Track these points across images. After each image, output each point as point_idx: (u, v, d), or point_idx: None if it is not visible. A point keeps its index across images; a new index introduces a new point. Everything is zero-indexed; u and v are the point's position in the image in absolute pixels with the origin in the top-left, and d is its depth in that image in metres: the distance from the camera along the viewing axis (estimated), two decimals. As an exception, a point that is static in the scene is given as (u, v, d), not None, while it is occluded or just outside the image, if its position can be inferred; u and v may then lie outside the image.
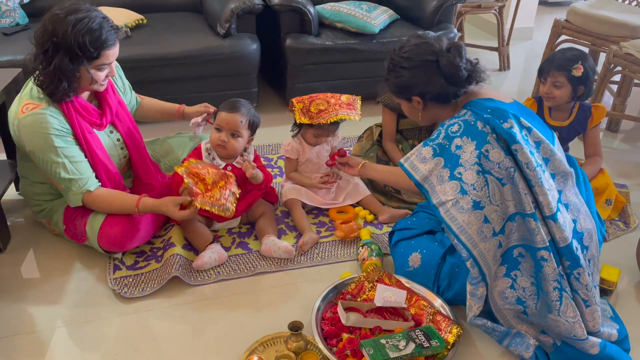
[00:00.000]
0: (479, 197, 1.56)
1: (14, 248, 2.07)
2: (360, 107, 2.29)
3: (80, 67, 1.77)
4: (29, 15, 2.97)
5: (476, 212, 1.56)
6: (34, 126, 1.78)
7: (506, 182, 1.56)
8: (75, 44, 1.71)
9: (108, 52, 1.80)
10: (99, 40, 1.75)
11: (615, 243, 2.21)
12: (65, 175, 1.83)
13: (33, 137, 1.79)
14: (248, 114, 2.07)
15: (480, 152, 1.55)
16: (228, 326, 1.76)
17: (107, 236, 1.90)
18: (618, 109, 3.10)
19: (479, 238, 1.58)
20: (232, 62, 2.91)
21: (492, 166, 1.55)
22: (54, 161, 1.81)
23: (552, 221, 1.58)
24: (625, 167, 2.83)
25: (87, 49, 1.73)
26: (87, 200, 1.90)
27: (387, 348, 1.54)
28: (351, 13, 3.09)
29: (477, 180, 1.55)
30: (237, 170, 2.12)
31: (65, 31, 1.71)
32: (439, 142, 1.63)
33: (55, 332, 1.72)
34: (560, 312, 1.59)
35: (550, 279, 1.58)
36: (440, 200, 1.60)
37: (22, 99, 1.83)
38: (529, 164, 1.55)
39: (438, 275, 1.83)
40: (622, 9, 3.37)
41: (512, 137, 1.55)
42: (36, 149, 1.81)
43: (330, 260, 2.06)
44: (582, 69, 2.14)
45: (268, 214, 2.18)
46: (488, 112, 1.59)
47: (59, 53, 1.73)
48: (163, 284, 1.87)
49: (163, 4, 3.33)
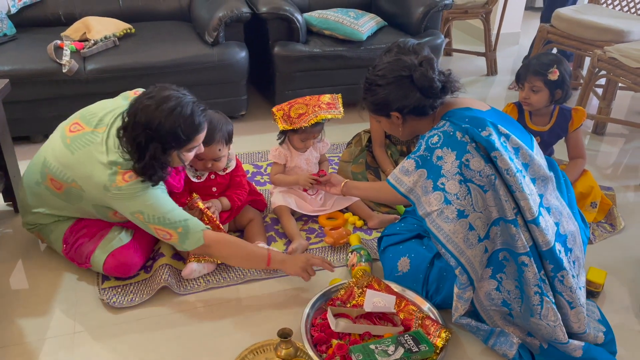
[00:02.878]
0: (462, 206, 1.58)
1: (2, 259, 2.06)
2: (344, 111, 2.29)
3: (172, 153, 1.74)
4: (16, 25, 2.96)
5: (461, 221, 1.58)
6: (141, 192, 1.74)
7: (488, 188, 1.58)
8: (170, 135, 1.68)
9: (199, 135, 1.77)
10: (192, 127, 1.71)
11: (601, 245, 2.23)
12: (180, 218, 1.78)
13: (140, 201, 1.74)
14: (222, 136, 2.03)
15: (461, 161, 1.57)
16: (218, 334, 1.77)
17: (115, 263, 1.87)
18: (603, 112, 3.14)
19: (465, 245, 1.60)
20: (221, 70, 2.92)
21: (473, 175, 1.57)
22: (168, 210, 1.77)
23: (534, 225, 1.59)
24: (611, 169, 2.87)
25: (181, 137, 1.70)
26: (211, 240, 1.81)
27: (377, 353, 1.55)
28: (339, 20, 3.11)
29: (460, 190, 1.58)
30: (221, 177, 2.14)
31: (159, 122, 1.66)
32: (420, 154, 1.66)
33: (44, 343, 1.71)
34: (541, 315, 1.61)
35: (531, 284, 1.60)
36: (426, 211, 1.63)
37: (116, 168, 1.73)
38: (508, 170, 1.57)
39: (427, 280, 1.84)
40: (607, 14, 3.42)
41: (490, 145, 1.57)
42: (145, 209, 1.75)
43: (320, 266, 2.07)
44: (557, 73, 2.17)
45: (256, 220, 2.19)
46: (466, 122, 1.61)
47: (153, 143, 1.68)
48: (152, 294, 1.87)
49: (151, 13, 3.33)
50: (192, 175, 2.10)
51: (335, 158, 2.75)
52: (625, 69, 2.80)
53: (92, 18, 2.95)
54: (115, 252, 1.88)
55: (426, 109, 1.68)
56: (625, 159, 2.98)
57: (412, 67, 1.65)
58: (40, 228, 1.99)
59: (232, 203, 2.13)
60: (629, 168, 2.88)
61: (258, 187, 2.43)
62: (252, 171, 2.69)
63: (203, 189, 2.10)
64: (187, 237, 1.79)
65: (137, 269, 1.96)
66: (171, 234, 1.78)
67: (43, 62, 2.66)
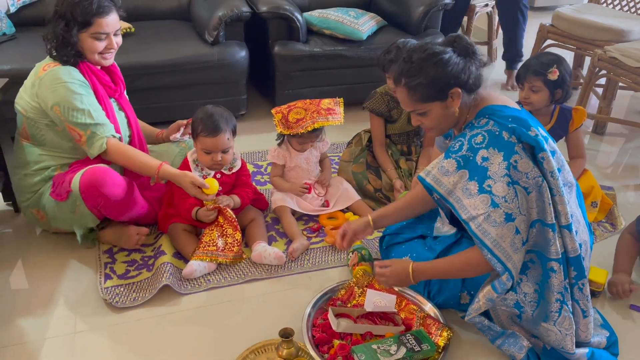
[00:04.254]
0: (510, 209, 1.51)
1: (2, 258, 2.06)
2: (344, 110, 2.30)
3: (75, 33, 1.89)
4: (15, 24, 2.96)
5: (508, 225, 1.51)
6: (58, 78, 1.89)
7: (532, 190, 1.52)
8: (68, 11, 1.87)
9: (100, 20, 1.89)
10: (89, 7, 1.87)
11: (602, 245, 2.23)
12: (89, 121, 1.91)
13: (57, 88, 1.89)
14: (229, 125, 2.06)
15: (509, 162, 1.50)
16: (219, 334, 1.76)
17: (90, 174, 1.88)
18: (604, 111, 3.14)
19: (512, 250, 1.52)
20: (221, 69, 2.92)
21: (521, 176, 1.51)
22: (79, 108, 1.90)
23: (568, 231, 1.56)
24: (612, 169, 2.87)
25: (78, 15, 1.86)
26: (112, 147, 1.94)
27: (379, 353, 1.55)
28: (339, 20, 3.11)
29: (508, 192, 1.50)
30: (226, 177, 2.13)
31: (64, 0, 1.88)
32: (462, 154, 1.56)
33: (45, 343, 1.71)
34: (556, 322, 1.59)
35: (554, 290, 1.57)
36: (471, 215, 1.53)
37: (41, 65, 1.96)
38: (553, 173, 1.53)
39: (429, 280, 1.83)
40: (607, 13, 3.42)
41: (539, 145, 1.51)
42: (60, 99, 1.88)
43: (321, 266, 2.07)
44: (557, 73, 2.17)
45: (257, 220, 2.18)
46: (510, 121, 1.54)
47: (59, 19, 1.89)
48: (154, 293, 1.86)
49: (151, 12, 3.32)
50: (197, 174, 2.09)
51: (335, 158, 2.75)
52: (626, 68, 2.80)
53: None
54: (91, 168, 1.91)
55: (480, 82, 1.59)
56: (626, 159, 2.98)
57: (447, 44, 1.57)
58: (35, 199, 2.02)
59: (242, 200, 2.14)
60: (629, 167, 2.88)
61: (259, 187, 2.43)
62: (253, 171, 2.68)
63: (209, 189, 2.09)
64: (93, 142, 1.93)
65: (118, 191, 1.92)
66: (81, 135, 1.93)
67: None
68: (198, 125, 2.04)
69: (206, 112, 2.06)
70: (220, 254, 2.00)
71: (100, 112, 1.96)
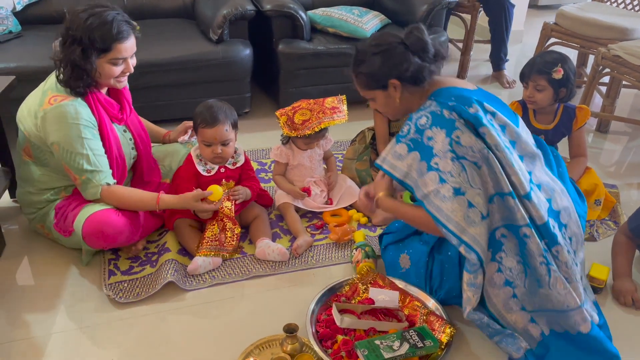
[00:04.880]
0: (458, 183, 1.55)
1: (8, 255, 2.07)
2: (347, 108, 2.31)
3: (94, 60, 1.80)
4: (21, 22, 2.98)
5: (458, 198, 1.55)
6: (64, 117, 1.81)
7: (481, 164, 1.56)
8: (86, 37, 1.76)
9: (119, 45, 1.82)
10: (109, 32, 1.78)
11: (606, 242, 2.23)
12: (87, 167, 1.86)
13: (61, 127, 1.82)
14: (228, 117, 2.08)
15: (451, 138, 1.55)
16: (223, 330, 1.77)
17: (93, 222, 1.85)
18: (607, 110, 3.14)
19: (466, 223, 1.56)
20: (225, 67, 2.93)
21: (466, 151, 1.55)
22: (79, 152, 1.84)
23: (527, 200, 1.59)
24: (615, 167, 2.87)
25: (97, 41, 1.77)
26: (105, 194, 1.90)
27: (382, 349, 1.56)
28: (343, 18, 3.12)
29: (453, 167, 1.55)
30: (230, 171, 2.15)
31: (78, 24, 1.76)
32: (411, 137, 1.62)
33: (51, 338, 1.72)
34: (550, 285, 1.60)
35: (536, 255, 1.59)
36: (423, 193, 1.59)
37: (47, 93, 1.86)
38: (497, 146, 1.56)
39: (430, 275, 1.84)
40: (611, 11, 3.42)
41: (478, 121, 1.56)
42: (61, 140, 1.83)
43: (325, 263, 2.08)
44: (562, 72, 2.18)
45: (261, 216, 2.20)
46: (452, 100, 1.59)
47: (73, 45, 1.78)
48: (158, 289, 1.88)
49: (155, 10, 3.34)
50: (202, 169, 2.11)
51: (339, 155, 2.76)
52: (629, 66, 2.80)
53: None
54: (95, 213, 1.88)
55: (424, 75, 1.64)
56: (629, 157, 2.98)
57: (404, 36, 1.65)
58: (40, 217, 2.02)
59: (252, 192, 2.16)
60: (632, 166, 2.88)
61: (263, 184, 2.44)
62: (257, 168, 2.69)
63: (213, 183, 2.09)
64: (87, 188, 1.89)
65: (121, 237, 1.91)
66: (75, 177, 1.89)
67: (48, 60, 2.57)
68: (198, 117, 2.07)
69: (206, 104, 2.09)
70: (222, 248, 2.03)
71: (101, 157, 1.89)
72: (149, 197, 1.95)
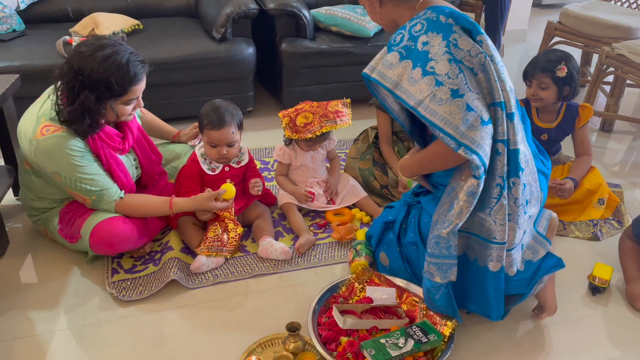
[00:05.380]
0: (455, 84, 1.48)
1: (12, 253, 2.08)
2: (351, 111, 2.31)
3: (107, 104, 1.74)
4: (25, 21, 2.99)
5: (456, 101, 1.47)
6: (57, 149, 1.75)
7: (477, 71, 1.52)
8: (102, 83, 1.68)
9: (135, 87, 1.77)
10: (127, 77, 1.71)
11: (609, 242, 2.23)
12: (95, 189, 1.84)
13: (56, 159, 1.77)
14: (234, 119, 2.07)
15: (449, 41, 1.50)
16: (226, 328, 1.78)
17: (101, 232, 1.86)
18: (611, 109, 3.13)
19: (465, 127, 1.48)
20: (228, 66, 2.93)
21: (463, 55, 1.50)
22: (82, 179, 1.81)
23: (509, 121, 1.55)
24: (619, 167, 2.86)
25: (114, 87, 1.70)
26: (121, 207, 1.90)
27: (388, 347, 1.56)
28: (346, 17, 3.12)
29: (451, 69, 1.48)
30: (235, 170, 2.15)
31: (92, 69, 1.67)
32: (404, 44, 1.55)
33: (54, 336, 1.73)
34: (492, 211, 1.57)
35: (497, 174, 1.56)
36: (417, 99, 1.50)
37: (40, 120, 1.77)
38: (492, 57, 1.53)
39: (412, 264, 1.84)
40: (615, 10, 3.40)
41: (476, 28, 1.53)
42: (61, 170, 1.79)
43: (327, 261, 2.08)
44: (565, 70, 2.17)
45: (264, 215, 2.20)
46: (449, 9, 1.55)
47: (85, 91, 1.69)
48: (161, 287, 1.88)
49: (159, 9, 3.34)
50: (206, 168, 2.11)
51: (342, 154, 2.76)
52: (634, 65, 2.79)
53: (100, 14, 2.97)
54: (102, 222, 1.87)
55: None
56: (633, 156, 2.97)
57: None
58: (43, 220, 2.02)
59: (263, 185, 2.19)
60: (636, 165, 2.87)
61: (266, 183, 2.44)
62: (260, 167, 2.69)
63: (217, 182, 2.10)
64: (100, 206, 1.89)
65: (129, 244, 1.92)
66: (85, 199, 1.87)
67: (52, 58, 2.68)
68: (204, 118, 2.06)
69: (212, 105, 2.08)
70: (224, 249, 2.03)
71: (103, 177, 1.86)
72: (162, 202, 1.95)
